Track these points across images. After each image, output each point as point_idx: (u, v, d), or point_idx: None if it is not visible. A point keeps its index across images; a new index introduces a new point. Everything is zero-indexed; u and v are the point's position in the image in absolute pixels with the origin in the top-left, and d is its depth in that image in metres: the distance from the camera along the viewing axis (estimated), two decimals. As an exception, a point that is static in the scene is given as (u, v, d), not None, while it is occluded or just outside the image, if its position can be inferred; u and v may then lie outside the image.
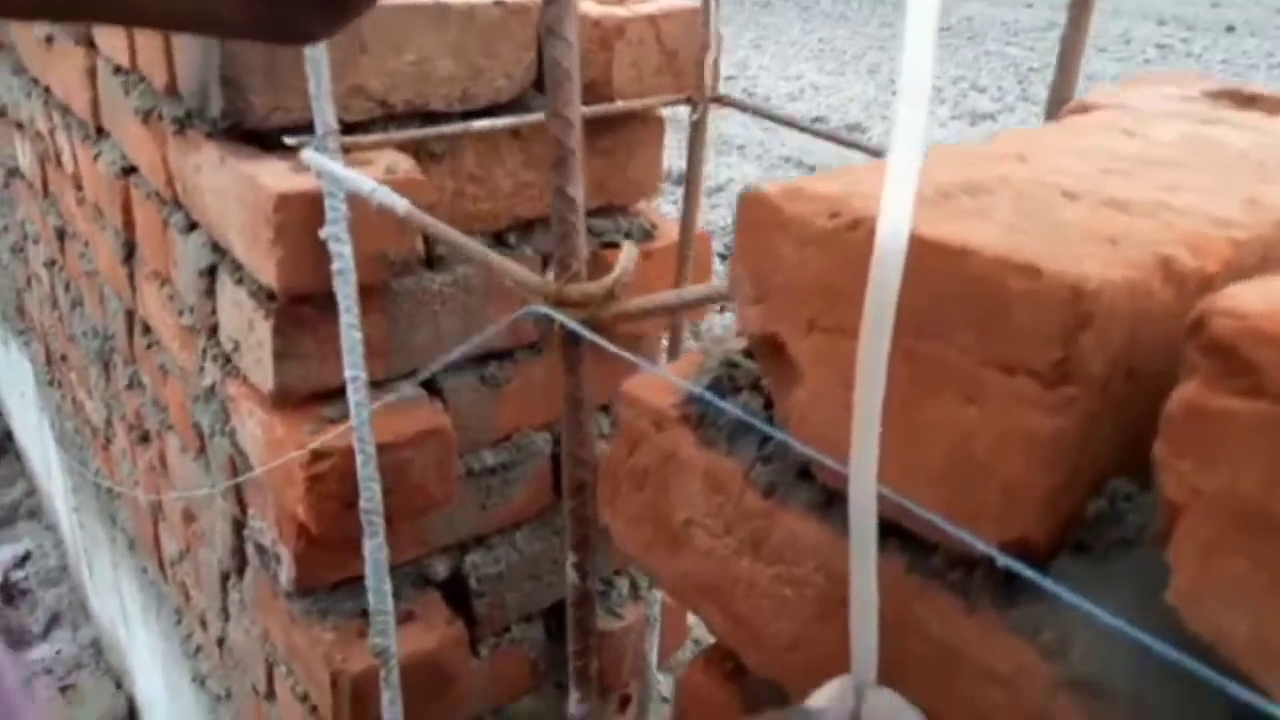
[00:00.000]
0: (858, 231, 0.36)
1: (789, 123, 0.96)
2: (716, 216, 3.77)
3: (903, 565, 0.38)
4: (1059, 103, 0.69)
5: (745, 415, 0.41)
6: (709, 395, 0.44)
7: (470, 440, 1.06)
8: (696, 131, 0.99)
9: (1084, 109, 0.59)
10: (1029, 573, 0.32)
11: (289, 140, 0.84)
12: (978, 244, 0.33)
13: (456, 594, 1.09)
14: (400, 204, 0.68)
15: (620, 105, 0.99)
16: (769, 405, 0.46)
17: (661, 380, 0.49)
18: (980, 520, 0.34)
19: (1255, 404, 0.27)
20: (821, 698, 0.36)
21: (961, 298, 0.33)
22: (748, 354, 0.48)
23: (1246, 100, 0.63)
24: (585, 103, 1.02)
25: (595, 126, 1.04)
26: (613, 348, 0.49)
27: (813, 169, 4.48)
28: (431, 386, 1.01)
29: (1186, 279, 0.33)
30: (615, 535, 0.52)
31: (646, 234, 1.15)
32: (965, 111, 4.99)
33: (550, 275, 0.53)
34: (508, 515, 1.11)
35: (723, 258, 3.19)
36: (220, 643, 1.38)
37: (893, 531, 0.38)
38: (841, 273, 0.37)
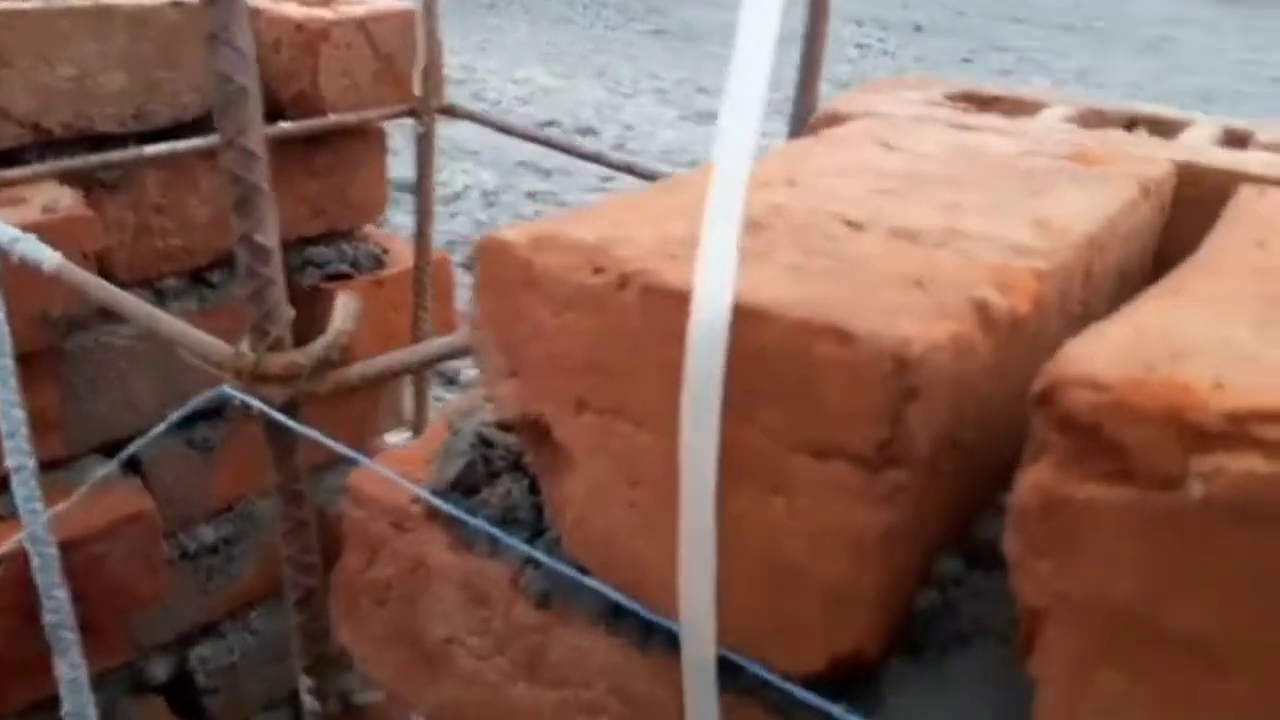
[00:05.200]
0: (628, 290, 0.29)
1: (524, 135, 0.89)
2: (456, 226, 3.64)
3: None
4: (804, 111, 0.66)
5: (502, 533, 0.33)
6: (446, 504, 0.36)
7: (182, 516, 0.91)
8: (424, 146, 0.89)
9: (835, 119, 0.56)
10: (833, 709, 0.26)
11: (-100, 178, 0.67)
12: (769, 302, 0.27)
13: (184, 694, 0.94)
14: (50, 258, 0.54)
15: (333, 119, 0.88)
16: (536, 488, 0.38)
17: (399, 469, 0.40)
18: (800, 632, 0.28)
19: (1126, 491, 0.22)
20: None
21: (758, 368, 0.27)
22: (504, 426, 0.40)
23: (986, 102, 0.62)
24: (294, 118, 0.90)
25: (308, 145, 0.92)
26: (329, 441, 0.40)
27: (549, 173, 4.45)
28: (127, 460, 0.85)
29: (1000, 324, 0.29)
30: (359, 660, 0.42)
31: (377, 261, 1.04)
32: (692, 112, 5.14)
33: (244, 344, 0.43)
34: (237, 596, 0.97)
35: (465, 268, 3.08)
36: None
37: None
38: (614, 341, 0.29)
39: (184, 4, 0.81)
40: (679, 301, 0.27)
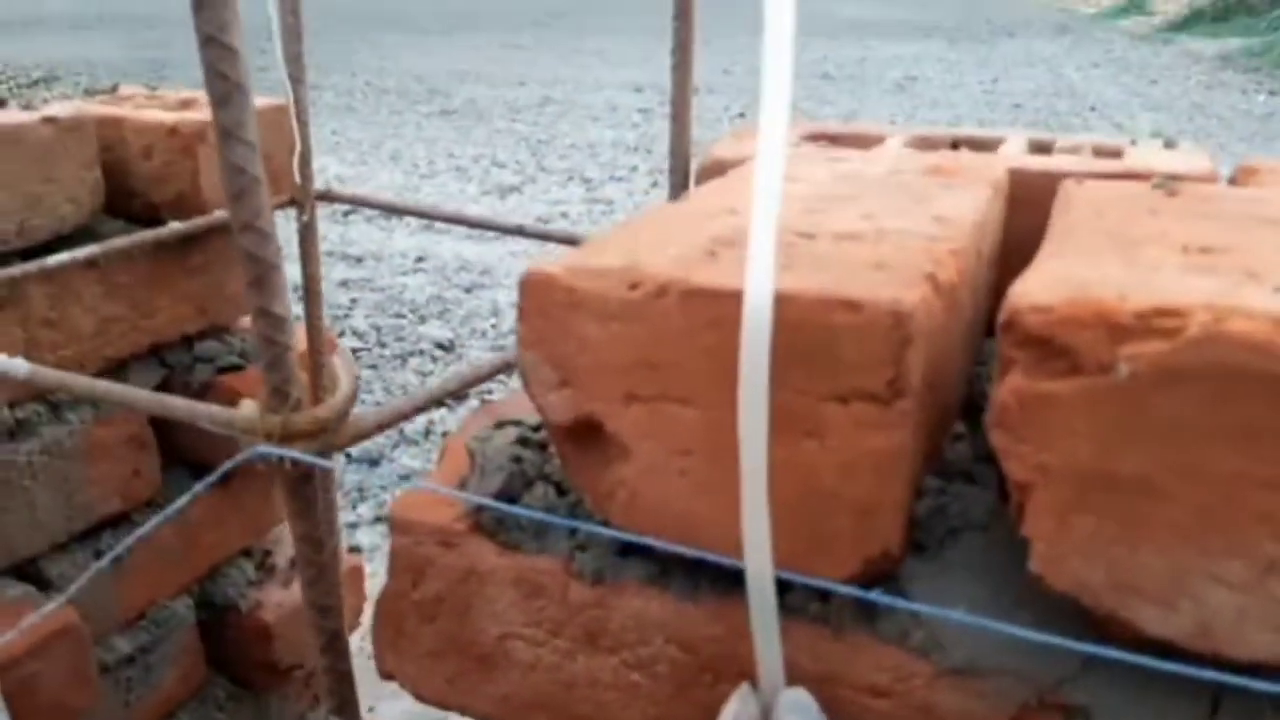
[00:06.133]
0: (667, 297, 0.36)
1: (415, 212, 0.94)
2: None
3: (757, 612, 0.38)
4: (681, 161, 0.75)
5: (559, 519, 0.39)
6: (496, 503, 0.42)
7: (96, 630, 0.89)
8: (308, 234, 0.93)
9: (720, 167, 0.65)
10: (884, 599, 0.34)
11: None
12: (792, 288, 0.34)
13: (115, 819, 0.90)
14: (19, 366, 0.55)
15: (219, 216, 0.90)
16: (563, 491, 0.44)
17: (430, 496, 0.45)
18: (837, 545, 0.36)
19: (1076, 381, 0.31)
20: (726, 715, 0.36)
21: (789, 341, 0.34)
22: (523, 443, 0.46)
23: (832, 139, 0.73)
24: (176, 218, 0.91)
25: (185, 245, 0.94)
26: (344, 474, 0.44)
27: (359, 260, 4.42)
28: (38, 578, 0.83)
29: (944, 290, 0.38)
30: (405, 681, 0.46)
31: (259, 351, 1.05)
32: (493, 186, 5.24)
33: (252, 409, 0.46)
34: (159, 705, 0.94)
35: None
36: None
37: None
38: (658, 339, 0.36)
39: (56, 120, 0.82)
40: (715, 298, 0.35)
